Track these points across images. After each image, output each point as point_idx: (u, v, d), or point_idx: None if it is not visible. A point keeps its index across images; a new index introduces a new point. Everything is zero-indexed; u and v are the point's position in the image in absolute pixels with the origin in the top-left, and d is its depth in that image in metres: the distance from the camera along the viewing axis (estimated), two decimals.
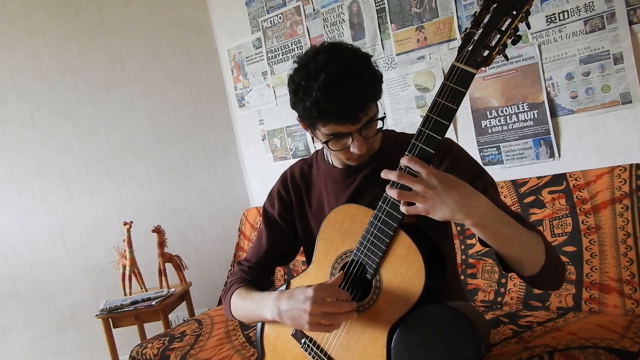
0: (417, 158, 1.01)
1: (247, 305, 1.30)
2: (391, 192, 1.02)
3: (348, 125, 1.12)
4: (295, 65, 1.16)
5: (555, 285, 1.17)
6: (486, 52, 0.99)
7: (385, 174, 1.02)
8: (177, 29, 3.06)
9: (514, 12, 0.97)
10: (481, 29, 0.99)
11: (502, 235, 1.02)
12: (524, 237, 1.04)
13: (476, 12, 1.01)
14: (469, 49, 1.00)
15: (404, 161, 1.01)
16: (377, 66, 1.18)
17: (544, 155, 1.98)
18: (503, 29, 0.98)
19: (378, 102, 1.18)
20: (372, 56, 1.20)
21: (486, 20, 0.99)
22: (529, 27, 1.00)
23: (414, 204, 0.99)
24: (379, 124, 1.18)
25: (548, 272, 1.07)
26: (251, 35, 2.87)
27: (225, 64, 3.07)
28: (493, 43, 0.99)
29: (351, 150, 1.17)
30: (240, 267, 1.44)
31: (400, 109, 2.34)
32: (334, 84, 1.08)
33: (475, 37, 1.00)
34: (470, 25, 1.01)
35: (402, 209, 1.01)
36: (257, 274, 1.41)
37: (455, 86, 1.01)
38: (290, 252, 1.45)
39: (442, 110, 1.02)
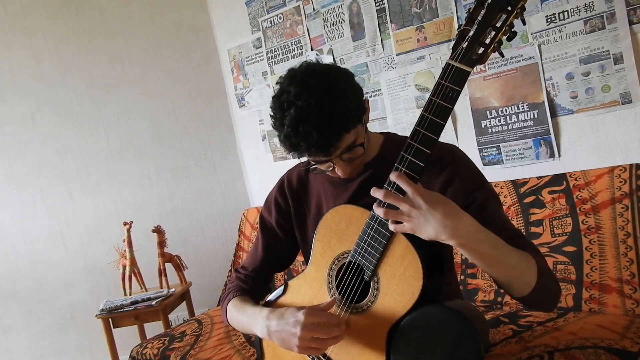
0: (404, 175, 1.01)
1: (240, 318, 1.31)
2: (378, 211, 1.03)
3: (323, 156, 1.13)
4: (277, 87, 1.15)
5: (548, 307, 1.16)
6: (481, 50, 0.97)
7: (373, 192, 1.03)
8: (177, 29, 3.06)
9: (509, 8, 0.95)
10: (475, 26, 0.97)
11: (488, 257, 1.02)
12: (512, 259, 1.03)
13: (470, 8, 0.99)
14: (464, 46, 0.98)
15: (392, 177, 1.02)
16: (353, 89, 1.13)
17: (544, 155, 1.98)
18: (498, 25, 0.96)
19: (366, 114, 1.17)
20: (351, 75, 1.17)
21: (480, 16, 0.97)
22: (524, 23, 0.99)
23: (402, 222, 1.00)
24: (361, 150, 1.15)
25: (538, 295, 1.07)
26: (251, 35, 2.87)
27: (225, 64, 3.07)
28: (488, 40, 0.97)
29: (336, 172, 1.18)
30: (237, 275, 1.43)
31: (400, 109, 2.34)
32: (302, 120, 1.07)
33: (470, 34, 0.98)
34: (464, 22, 0.99)
35: (390, 227, 1.02)
36: (254, 282, 1.41)
37: (450, 85, 1.00)
38: (287, 259, 1.44)
39: (437, 110, 1.01)
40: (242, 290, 1.38)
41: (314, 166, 1.18)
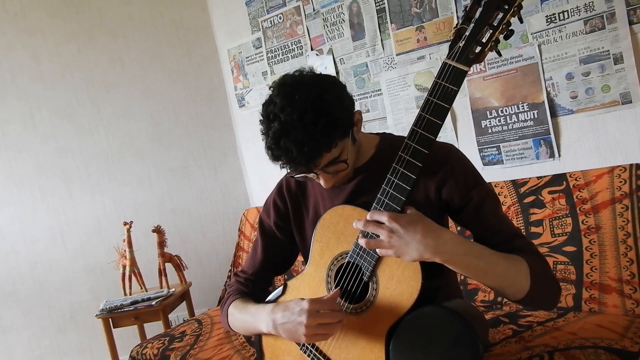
0: (379, 210, 1.03)
1: (243, 317, 1.31)
2: (361, 241, 1.05)
3: (303, 170, 1.13)
4: (269, 92, 1.15)
5: (546, 307, 1.16)
6: (478, 49, 0.97)
7: (355, 225, 1.05)
8: (177, 29, 3.06)
9: (506, 6, 0.94)
10: (472, 24, 0.97)
11: (474, 268, 1.03)
12: (500, 267, 1.04)
13: (467, 6, 0.98)
14: (461, 45, 0.98)
15: (369, 216, 1.04)
16: (341, 103, 1.11)
17: (544, 155, 1.98)
18: (495, 24, 0.96)
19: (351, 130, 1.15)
20: (342, 87, 1.15)
21: (477, 15, 0.96)
22: (521, 21, 0.98)
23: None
24: (344, 165, 1.14)
25: (534, 297, 1.07)
26: (251, 35, 2.87)
27: (225, 64, 3.07)
28: (485, 39, 0.96)
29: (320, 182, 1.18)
30: (237, 279, 1.43)
31: (401, 109, 2.34)
32: (284, 134, 1.06)
33: (467, 33, 0.97)
34: (461, 21, 0.99)
35: (379, 252, 1.04)
36: (254, 285, 1.40)
37: (447, 84, 1.00)
38: (287, 261, 1.44)
39: (434, 109, 1.01)
40: (243, 293, 1.38)
41: (297, 175, 1.18)
